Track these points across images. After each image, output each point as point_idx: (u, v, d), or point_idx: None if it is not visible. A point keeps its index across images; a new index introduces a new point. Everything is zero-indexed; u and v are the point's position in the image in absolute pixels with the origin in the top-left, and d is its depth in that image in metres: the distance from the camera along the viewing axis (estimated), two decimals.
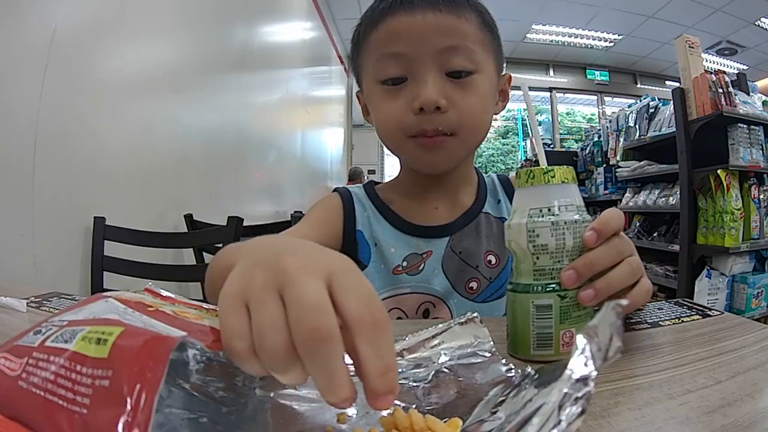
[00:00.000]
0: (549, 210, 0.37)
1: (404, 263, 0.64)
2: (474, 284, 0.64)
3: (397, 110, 0.58)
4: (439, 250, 0.65)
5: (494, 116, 0.66)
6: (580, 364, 0.19)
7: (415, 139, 0.59)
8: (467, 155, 0.65)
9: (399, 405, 0.29)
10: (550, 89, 7.31)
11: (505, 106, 0.68)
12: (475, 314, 0.37)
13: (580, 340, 0.20)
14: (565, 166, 0.39)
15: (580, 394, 0.18)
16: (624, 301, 0.20)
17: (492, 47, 0.62)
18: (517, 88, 0.58)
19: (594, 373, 0.18)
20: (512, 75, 0.69)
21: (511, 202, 0.69)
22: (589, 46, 6.54)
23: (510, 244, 0.39)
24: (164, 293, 0.37)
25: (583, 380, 0.18)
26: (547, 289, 0.37)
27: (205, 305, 0.35)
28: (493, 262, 0.65)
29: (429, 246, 0.65)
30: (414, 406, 0.29)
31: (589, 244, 0.37)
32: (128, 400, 0.20)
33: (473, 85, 0.58)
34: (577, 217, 0.37)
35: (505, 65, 0.67)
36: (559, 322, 0.36)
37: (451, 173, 0.66)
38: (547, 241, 0.37)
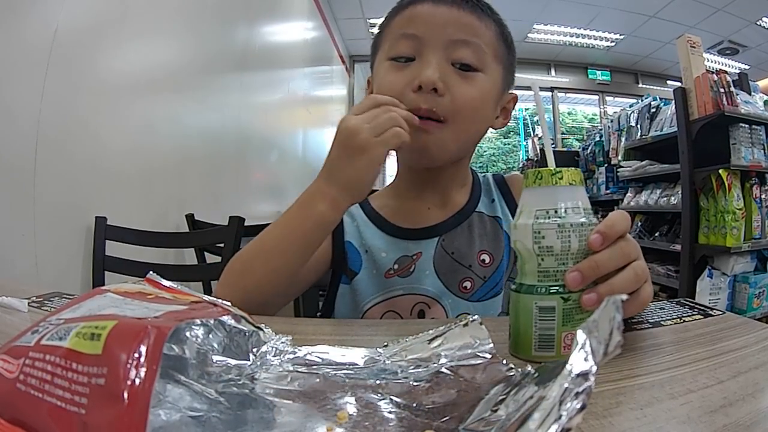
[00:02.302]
0: (555, 212, 0.37)
1: (395, 266, 0.64)
2: (468, 284, 0.64)
3: (398, 85, 0.59)
4: (429, 251, 0.65)
5: (492, 129, 0.66)
6: (580, 360, 0.19)
7: None
8: (457, 149, 0.63)
9: (399, 402, 0.29)
10: (552, 89, 7.30)
11: (505, 125, 0.69)
12: (476, 316, 0.37)
13: (580, 335, 0.20)
14: (573, 168, 0.39)
15: (580, 389, 0.18)
16: (624, 296, 0.20)
17: (504, 60, 0.64)
18: (527, 88, 0.59)
19: (594, 369, 0.18)
20: (517, 75, 0.69)
21: (505, 200, 0.70)
22: (590, 45, 6.53)
23: (515, 244, 0.39)
24: (165, 283, 0.37)
25: (584, 375, 0.18)
26: (551, 291, 0.37)
27: (206, 297, 0.35)
28: (487, 261, 0.65)
29: (418, 247, 0.65)
30: (414, 405, 0.29)
31: (595, 247, 0.37)
32: (124, 398, 0.20)
33: (475, 80, 0.59)
34: (583, 219, 0.37)
35: (514, 86, 0.68)
36: (562, 324, 0.36)
37: (445, 173, 0.66)
38: (552, 243, 0.37)
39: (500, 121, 0.67)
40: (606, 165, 3.86)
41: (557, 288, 0.37)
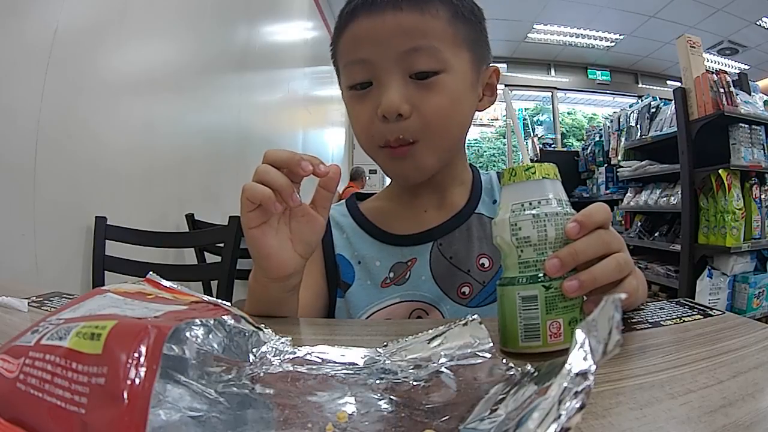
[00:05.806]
0: (530, 204, 0.38)
1: (391, 274, 0.63)
2: (466, 289, 0.62)
3: (365, 119, 0.57)
4: (425, 256, 0.63)
5: (479, 111, 0.63)
6: (579, 359, 0.19)
7: (384, 149, 0.57)
8: (441, 160, 0.60)
9: (398, 402, 0.29)
10: (552, 89, 7.31)
11: (493, 102, 0.64)
12: (475, 316, 0.37)
13: (579, 334, 0.20)
14: (547, 164, 0.40)
15: (579, 389, 0.18)
16: (623, 295, 0.20)
17: (467, 40, 0.58)
18: (526, 86, 0.57)
19: (593, 368, 0.18)
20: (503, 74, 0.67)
21: None
22: (590, 45, 6.53)
23: (496, 239, 0.40)
24: (165, 283, 0.37)
25: (583, 374, 0.18)
26: (532, 280, 0.37)
27: (206, 297, 0.35)
28: (486, 265, 0.63)
29: (413, 253, 0.63)
30: (414, 404, 0.29)
31: (571, 235, 0.37)
32: (124, 398, 0.20)
33: (439, 86, 0.55)
34: (558, 209, 0.38)
35: (492, 58, 0.64)
36: (546, 313, 0.37)
37: (440, 173, 0.63)
38: (529, 234, 0.38)
39: (486, 101, 0.63)
40: (606, 165, 3.86)
41: (538, 276, 0.37)
